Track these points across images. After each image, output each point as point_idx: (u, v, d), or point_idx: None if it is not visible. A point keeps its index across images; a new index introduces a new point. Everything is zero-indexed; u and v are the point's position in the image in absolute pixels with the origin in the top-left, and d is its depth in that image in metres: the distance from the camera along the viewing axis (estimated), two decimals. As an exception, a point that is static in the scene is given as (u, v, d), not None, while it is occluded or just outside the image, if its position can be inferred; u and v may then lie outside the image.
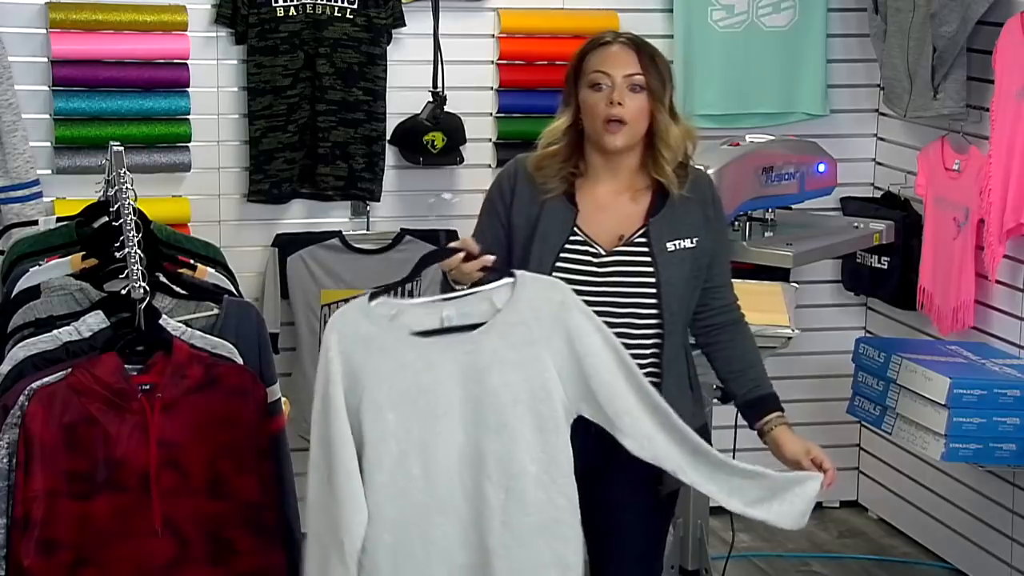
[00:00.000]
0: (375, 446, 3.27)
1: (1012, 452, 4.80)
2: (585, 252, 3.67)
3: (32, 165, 5.11)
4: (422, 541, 3.30)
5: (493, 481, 3.31)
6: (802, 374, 5.98)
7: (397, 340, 3.31)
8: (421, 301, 3.38)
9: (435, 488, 3.30)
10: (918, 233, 5.62)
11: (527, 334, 3.34)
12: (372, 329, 3.31)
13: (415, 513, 3.29)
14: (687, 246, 3.68)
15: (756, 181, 4.89)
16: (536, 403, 3.34)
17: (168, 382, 3.44)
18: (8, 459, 3.36)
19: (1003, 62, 5.05)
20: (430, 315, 3.35)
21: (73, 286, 3.65)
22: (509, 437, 3.31)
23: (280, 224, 5.53)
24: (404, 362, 3.30)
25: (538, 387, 3.34)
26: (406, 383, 3.30)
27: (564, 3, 5.70)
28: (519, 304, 3.36)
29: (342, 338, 3.31)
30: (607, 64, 3.67)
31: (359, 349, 3.30)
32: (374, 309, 3.33)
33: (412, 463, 3.29)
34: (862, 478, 6.18)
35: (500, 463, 3.31)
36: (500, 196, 3.76)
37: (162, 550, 3.44)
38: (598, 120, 3.65)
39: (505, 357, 3.33)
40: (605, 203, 3.72)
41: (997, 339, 5.30)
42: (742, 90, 5.82)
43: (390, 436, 3.28)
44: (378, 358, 3.29)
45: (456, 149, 5.58)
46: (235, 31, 5.37)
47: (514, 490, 3.32)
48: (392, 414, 3.28)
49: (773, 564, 5.65)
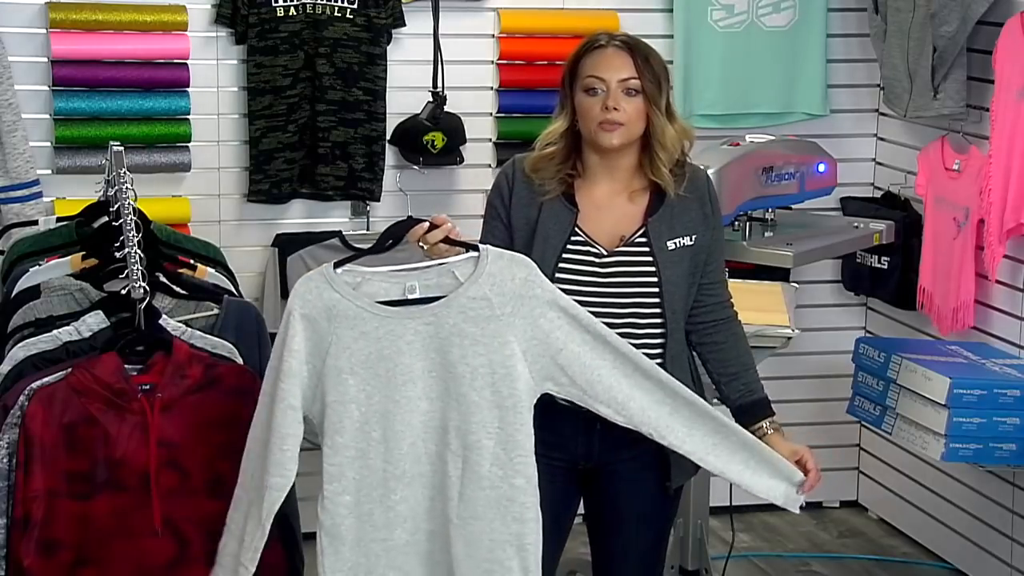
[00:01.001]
0: (335, 409, 3.35)
1: (1012, 452, 4.80)
2: (587, 252, 3.68)
3: (32, 165, 5.11)
4: (381, 505, 3.37)
5: (452, 451, 3.37)
6: (802, 374, 5.98)
7: (359, 308, 3.35)
8: (385, 270, 3.41)
9: (394, 454, 3.37)
10: (918, 233, 5.62)
11: (488, 310, 3.38)
12: (335, 296, 3.35)
13: (374, 477, 3.37)
14: (686, 244, 3.70)
15: (756, 181, 4.90)
16: (495, 380, 3.37)
17: (168, 382, 3.44)
18: (8, 459, 3.36)
19: (1003, 62, 5.05)
20: (394, 285, 3.39)
21: (73, 286, 3.65)
22: (467, 410, 3.36)
23: (280, 224, 5.53)
24: (365, 330, 3.35)
25: (498, 364, 3.38)
26: (367, 351, 3.35)
27: (564, 3, 5.70)
28: (481, 279, 3.39)
29: (304, 303, 3.35)
30: (601, 68, 3.68)
31: (322, 316, 3.35)
32: (339, 277, 3.37)
33: (372, 428, 3.36)
34: (862, 478, 6.18)
35: (459, 434, 3.37)
36: (499, 197, 3.77)
37: (162, 550, 3.44)
38: (593, 123, 3.66)
39: (465, 331, 3.37)
40: (604, 203, 3.73)
41: (997, 339, 5.30)
42: (742, 90, 5.82)
43: (350, 401, 3.35)
44: (340, 325, 3.34)
45: (456, 149, 5.58)
46: (235, 31, 5.37)
47: (470, 461, 3.37)
48: (352, 379, 3.34)
49: (773, 564, 5.65)
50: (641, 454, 3.62)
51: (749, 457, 3.56)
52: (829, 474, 6.11)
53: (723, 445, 3.53)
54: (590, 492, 3.78)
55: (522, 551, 3.40)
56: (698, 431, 3.51)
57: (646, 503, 3.75)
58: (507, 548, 3.39)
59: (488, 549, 3.38)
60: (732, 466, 3.55)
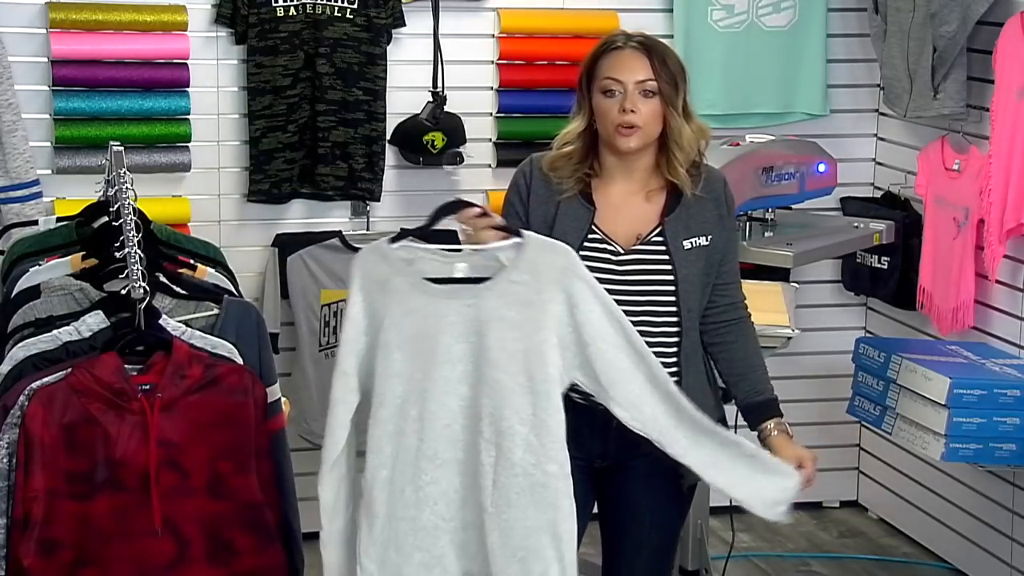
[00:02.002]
0: (382, 383, 3.41)
1: (1012, 452, 4.80)
2: (604, 251, 3.72)
3: (32, 165, 5.11)
4: (412, 484, 3.41)
5: (485, 438, 3.40)
6: (802, 374, 5.98)
7: (411, 285, 3.42)
8: (437, 249, 3.49)
9: (427, 434, 3.40)
10: (918, 233, 5.62)
11: (527, 294, 3.41)
12: (388, 271, 3.44)
13: (407, 455, 3.41)
14: (702, 244, 3.73)
15: (756, 181, 4.90)
16: (529, 364, 3.40)
17: (168, 382, 3.44)
18: (8, 459, 3.36)
19: (1003, 62, 5.05)
20: (444, 264, 3.46)
21: (73, 286, 3.65)
22: (501, 395, 3.39)
23: (280, 224, 5.53)
24: (413, 307, 3.41)
25: (533, 349, 3.41)
26: (413, 327, 3.41)
27: (564, 3, 5.70)
28: (521, 264, 3.43)
29: (364, 275, 3.45)
30: (618, 70, 3.69)
31: (376, 289, 3.43)
32: (394, 251, 3.45)
33: (411, 406, 3.40)
34: (862, 478, 6.18)
35: (492, 420, 3.40)
36: (517, 194, 3.81)
37: (162, 550, 3.44)
38: (611, 125, 3.68)
39: (504, 315, 3.40)
40: (620, 203, 3.76)
41: (997, 339, 5.30)
42: (742, 90, 5.82)
43: (395, 376, 3.40)
44: (391, 299, 3.42)
45: (456, 149, 5.58)
46: (235, 31, 5.37)
47: (503, 448, 3.40)
48: (399, 354, 3.40)
49: (773, 564, 5.65)
50: (656, 451, 3.63)
51: (747, 475, 3.56)
52: (829, 474, 6.14)
53: (723, 461, 3.54)
54: (604, 491, 3.79)
55: (557, 538, 3.42)
56: (703, 447, 3.52)
57: (660, 501, 3.77)
58: (542, 535, 3.41)
59: (523, 536, 3.40)
60: (729, 480, 3.55)
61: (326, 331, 5.48)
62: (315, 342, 5.48)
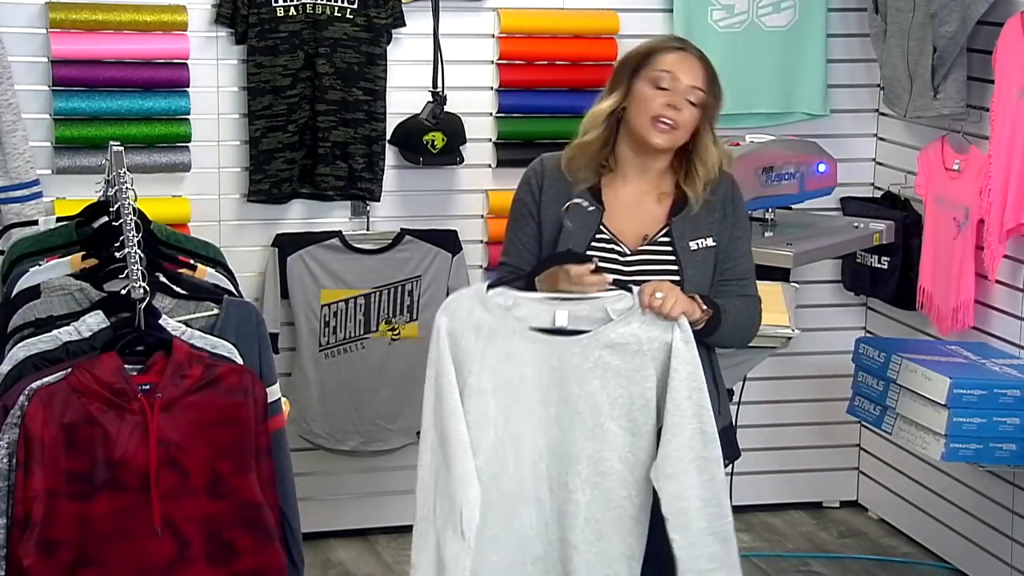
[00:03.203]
0: (474, 429, 3.43)
1: (1012, 452, 4.80)
2: (611, 251, 3.73)
3: (32, 165, 5.11)
4: (505, 527, 3.46)
5: (582, 479, 3.45)
6: (802, 374, 5.98)
7: (509, 331, 3.46)
8: (537, 296, 3.52)
9: (521, 477, 3.46)
10: (918, 233, 5.62)
11: (636, 345, 3.46)
12: (486, 316, 3.46)
13: (502, 499, 3.45)
14: (709, 245, 3.76)
15: (756, 181, 4.90)
16: (633, 409, 3.47)
17: (168, 382, 3.44)
18: (8, 459, 3.36)
19: (1003, 62, 5.05)
20: (544, 311, 3.49)
21: (73, 286, 3.65)
22: (603, 439, 3.46)
23: (280, 224, 5.52)
24: (511, 352, 3.45)
25: (637, 395, 3.47)
26: (509, 373, 3.44)
27: (564, 3, 5.69)
28: (634, 318, 3.47)
29: (452, 320, 3.45)
30: (679, 68, 3.73)
31: (469, 334, 3.45)
32: (491, 298, 3.47)
33: (506, 450, 3.45)
34: (862, 478, 6.18)
35: (591, 462, 3.45)
36: (530, 193, 3.81)
37: (162, 550, 3.44)
38: (648, 115, 3.68)
39: (608, 363, 3.45)
40: (630, 202, 3.78)
41: (997, 339, 5.30)
42: (742, 90, 5.80)
43: (489, 422, 3.44)
44: (488, 344, 3.44)
45: (456, 149, 5.58)
46: (235, 31, 5.37)
47: (601, 487, 3.47)
48: (494, 400, 3.44)
49: (773, 564, 5.64)
50: None
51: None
52: (829, 474, 6.15)
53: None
54: None
55: (632, 561, 3.52)
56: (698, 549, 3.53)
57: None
58: (624, 561, 3.51)
59: (606, 564, 3.50)
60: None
61: (326, 331, 5.48)
62: (315, 342, 5.48)
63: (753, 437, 5.69)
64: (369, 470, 5.58)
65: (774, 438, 6.00)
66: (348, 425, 5.50)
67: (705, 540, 3.50)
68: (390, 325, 5.54)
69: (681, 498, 3.48)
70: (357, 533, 5.57)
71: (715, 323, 3.67)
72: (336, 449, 5.48)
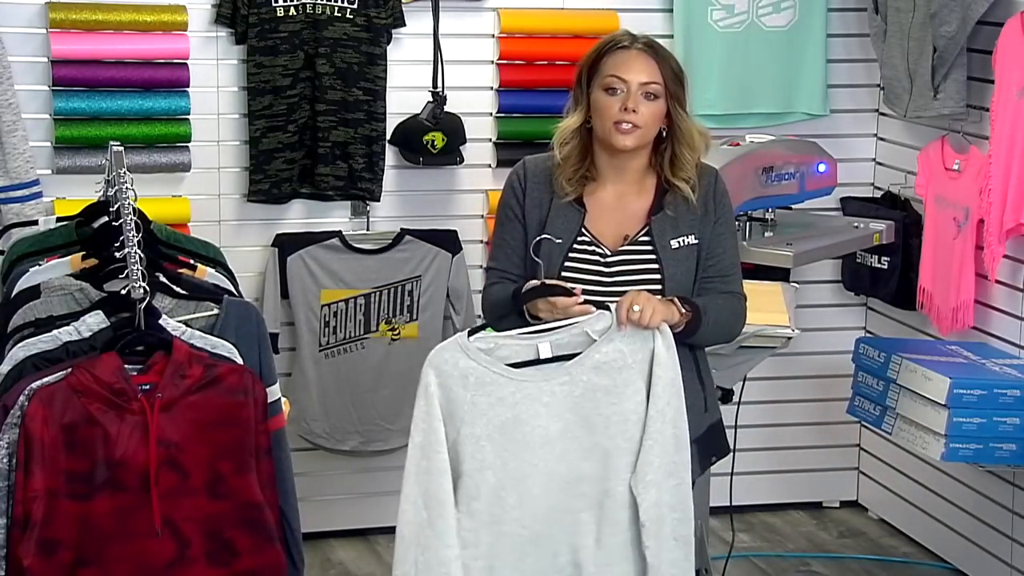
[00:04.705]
0: (473, 476, 3.43)
1: (1012, 452, 4.80)
2: (592, 252, 3.72)
3: (32, 165, 5.11)
4: (515, 569, 3.46)
5: (588, 500, 3.46)
6: (802, 374, 5.98)
7: (496, 374, 3.44)
8: (517, 334, 3.51)
9: (529, 518, 3.45)
10: (918, 233, 5.62)
11: (621, 360, 3.47)
12: (470, 364, 3.44)
13: (509, 542, 3.45)
14: (691, 242, 3.73)
15: (756, 181, 4.90)
16: (628, 426, 3.47)
17: (168, 382, 3.44)
18: (8, 459, 3.36)
19: (1003, 62, 5.05)
20: (526, 348, 3.48)
21: (73, 286, 3.65)
22: (601, 459, 3.45)
23: (280, 224, 5.52)
24: (502, 395, 3.44)
25: (630, 411, 3.47)
26: (504, 416, 3.44)
27: (564, 3, 5.69)
28: (615, 335, 3.47)
29: (440, 374, 3.44)
30: (623, 69, 3.69)
31: (456, 384, 3.43)
32: (472, 344, 3.46)
33: (508, 494, 3.44)
34: (862, 478, 6.18)
35: (593, 484, 3.46)
36: (514, 196, 3.81)
37: (162, 550, 3.44)
38: (608, 122, 3.68)
39: (598, 384, 3.45)
40: (611, 204, 3.76)
41: (997, 339, 5.30)
42: (742, 90, 5.82)
43: (487, 468, 3.43)
44: (476, 392, 3.43)
45: (456, 149, 5.58)
46: (235, 31, 5.37)
47: (605, 507, 3.47)
48: (490, 445, 3.43)
49: (773, 564, 5.64)
50: None
51: None
52: (829, 474, 6.15)
53: None
54: None
55: None
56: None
57: None
58: None
59: None
60: None
61: (326, 331, 5.48)
62: (315, 342, 5.48)
63: (753, 437, 5.69)
64: (369, 470, 5.58)
65: (774, 438, 6.00)
66: (348, 425, 5.50)
67: (668, 545, 3.51)
68: (390, 325, 5.54)
69: (658, 504, 3.49)
70: (357, 533, 5.58)
71: (695, 324, 3.66)
72: (336, 449, 5.48)
